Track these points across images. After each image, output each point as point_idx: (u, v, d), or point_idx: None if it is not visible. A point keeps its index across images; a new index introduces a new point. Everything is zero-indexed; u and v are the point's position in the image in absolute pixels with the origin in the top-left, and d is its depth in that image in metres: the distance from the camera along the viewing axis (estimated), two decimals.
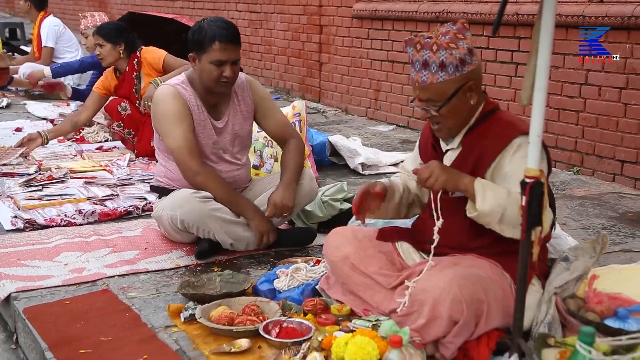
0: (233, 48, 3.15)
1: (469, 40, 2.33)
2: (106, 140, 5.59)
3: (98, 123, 5.74)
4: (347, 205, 3.62)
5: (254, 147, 4.34)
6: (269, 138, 4.14)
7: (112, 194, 4.11)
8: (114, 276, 3.02)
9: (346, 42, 7.06)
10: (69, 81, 7.24)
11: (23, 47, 9.35)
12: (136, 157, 4.99)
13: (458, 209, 2.35)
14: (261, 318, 2.49)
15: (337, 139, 4.99)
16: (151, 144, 4.68)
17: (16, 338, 2.80)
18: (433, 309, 2.19)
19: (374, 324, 2.34)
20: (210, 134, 3.29)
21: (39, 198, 4.03)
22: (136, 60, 5.02)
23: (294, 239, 3.38)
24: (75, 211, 3.80)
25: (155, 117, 3.29)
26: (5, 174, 4.46)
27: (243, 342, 2.37)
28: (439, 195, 2.37)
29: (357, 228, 2.76)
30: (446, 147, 2.49)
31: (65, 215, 3.75)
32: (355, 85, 7.02)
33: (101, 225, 3.69)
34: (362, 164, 4.81)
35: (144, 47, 5.07)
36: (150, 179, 4.07)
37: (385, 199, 2.57)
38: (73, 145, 5.41)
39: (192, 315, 2.56)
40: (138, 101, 5.02)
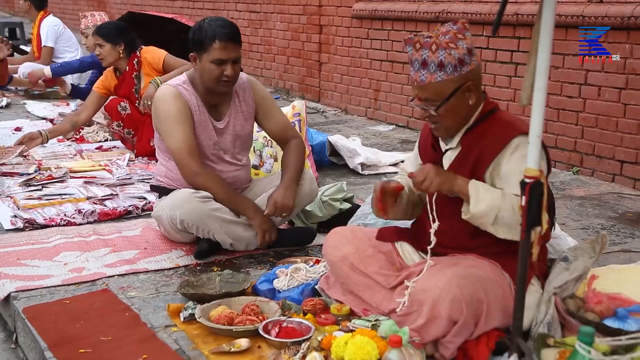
0: (234, 47, 3.15)
1: (469, 40, 2.33)
2: (106, 139, 5.59)
3: (98, 123, 5.74)
4: (347, 205, 3.62)
5: (254, 147, 4.34)
6: (269, 138, 4.14)
7: (112, 194, 4.11)
8: (114, 276, 3.02)
9: (346, 42, 7.06)
10: (69, 81, 7.23)
11: (23, 47, 9.33)
12: (136, 157, 4.99)
13: (457, 209, 2.35)
14: (261, 318, 2.49)
15: (337, 139, 4.99)
16: (151, 144, 4.69)
17: (16, 337, 2.80)
18: (432, 309, 2.19)
19: (374, 324, 2.34)
20: (211, 135, 3.29)
21: (39, 198, 4.02)
22: (136, 60, 5.01)
23: (294, 239, 3.38)
24: (74, 211, 3.80)
25: (156, 117, 3.29)
26: (4, 174, 4.46)
27: (243, 342, 2.37)
28: (434, 197, 2.38)
29: (357, 228, 2.76)
30: (445, 147, 2.49)
31: (64, 214, 3.75)
32: (354, 85, 7.02)
33: (101, 224, 3.69)
34: (362, 164, 4.80)
35: (144, 47, 5.06)
36: (149, 179, 4.07)
37: (399, 197, 2.54)
38: (73, 144, 5.42)
39: (192, 315, 2.56)
40: (138, 101, 5.01)
